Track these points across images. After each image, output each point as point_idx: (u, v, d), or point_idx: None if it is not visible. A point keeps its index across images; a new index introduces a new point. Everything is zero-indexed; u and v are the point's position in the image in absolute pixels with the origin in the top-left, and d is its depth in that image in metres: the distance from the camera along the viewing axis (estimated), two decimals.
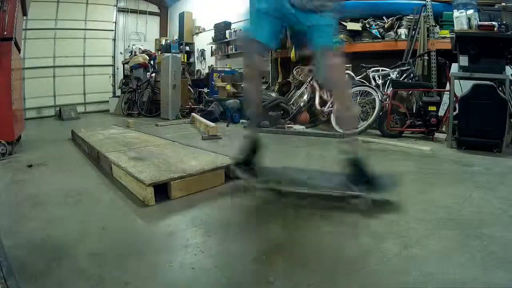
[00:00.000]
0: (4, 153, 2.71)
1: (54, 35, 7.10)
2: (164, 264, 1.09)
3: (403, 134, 3.56)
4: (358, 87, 4.01)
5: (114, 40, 8.31)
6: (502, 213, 1.46)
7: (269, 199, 1.69)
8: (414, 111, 3.72)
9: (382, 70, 4.27)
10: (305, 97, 4.59)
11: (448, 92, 3.25)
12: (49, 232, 1.34)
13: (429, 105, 3.40)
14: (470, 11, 3.40)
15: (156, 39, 8.95)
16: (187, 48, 8.52)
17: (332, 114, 4.13)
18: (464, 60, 2.96)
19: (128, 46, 8.40)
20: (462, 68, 2.99)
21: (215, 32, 7.55)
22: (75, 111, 6.94)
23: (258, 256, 1.13)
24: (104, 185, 1.99)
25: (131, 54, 7.97)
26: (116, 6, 8.22)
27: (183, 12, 8.55)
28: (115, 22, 8.28)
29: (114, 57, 8.35)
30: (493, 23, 3.06)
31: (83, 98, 7.79)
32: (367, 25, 4.60)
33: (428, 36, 4.07)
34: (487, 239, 1.21)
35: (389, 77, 4.08)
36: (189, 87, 6.81)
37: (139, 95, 6.75)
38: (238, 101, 5.14)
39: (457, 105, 2.92)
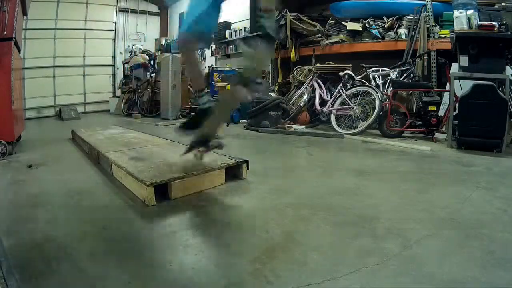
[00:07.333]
0: (4, 153, 2.70)
1: (54, 35, 7.09)
2: (164, 264, 1.09)
3: (403, 134, 3.56)
4: (358, 87, 4.01)
5: (114, 40, 8.30)
6: (502, 213, 1.46)
7: (268, 200, 1.69)
8: (414, 111, 3.72)
9: (382, 70, 4.26)
10: (305, 97, 4.59)
11: (448, 92, 3.25)
12: (49, 232, 1.34)
13: (429, 105, 3.40)
14: (470, 11, 3.39)
15: (156, 39, 8.93)
16: None
17: (332, 114, 4.13)
18: (464, 60, 2.96)
19: (128, 46, 8.39)
20: (462, 68, 3.00)
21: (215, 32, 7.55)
22: (75, 111, 6.93)
23: (258, 256, 1.13)
24: (104, 185, 1.99)
25: (131, 54, 7.96)
26: (116, 6, 8.21)
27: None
28: (115, 22, 8.26)
29: (114, 57, 8.34)
30: (493, 23, 3.06)
31: (83, 98, 7.77)
32: (367, 25, 4.60)
33: (428, 36, 4.07)
34: (487, 239, 1.21)
35: (389, 77, 4.08)
36: (189, 87, 6.81)
37: (139, 95, 6.74)
38: None
39: (457, 105, 2.92)
